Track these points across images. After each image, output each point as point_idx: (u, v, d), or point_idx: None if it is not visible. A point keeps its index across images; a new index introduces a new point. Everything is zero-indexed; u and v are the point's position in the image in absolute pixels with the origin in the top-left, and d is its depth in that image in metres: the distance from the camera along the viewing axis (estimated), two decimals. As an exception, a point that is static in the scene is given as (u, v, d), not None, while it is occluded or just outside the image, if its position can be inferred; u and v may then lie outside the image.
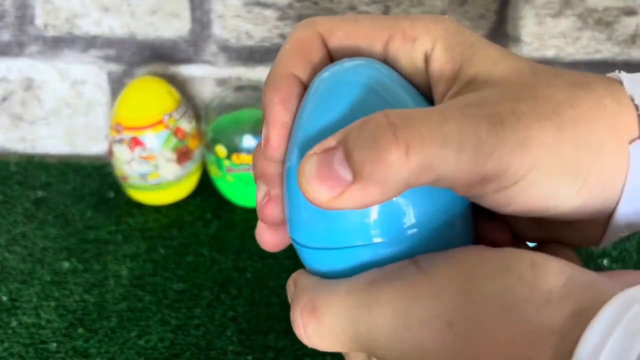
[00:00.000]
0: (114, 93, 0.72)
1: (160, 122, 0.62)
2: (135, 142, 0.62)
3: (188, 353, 0.52)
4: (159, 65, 0.71)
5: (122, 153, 0.63)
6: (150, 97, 0.63)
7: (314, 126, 0.24)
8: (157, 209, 0.66)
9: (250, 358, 0.51)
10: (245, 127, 0.63)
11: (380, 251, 0.23)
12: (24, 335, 0.53)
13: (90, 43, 0.70)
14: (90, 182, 0.70)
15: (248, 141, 0.62)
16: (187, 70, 0.71)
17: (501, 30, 0.67)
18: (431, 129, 0.20)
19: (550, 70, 0.24)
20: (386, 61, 0.26)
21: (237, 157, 0.63)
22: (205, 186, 0.68)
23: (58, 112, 0.73)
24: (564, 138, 0.22)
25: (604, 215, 0.24)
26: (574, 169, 0.22)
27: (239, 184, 0.64)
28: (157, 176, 0.64)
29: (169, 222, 0.65)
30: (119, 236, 0.63)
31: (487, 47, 0.24)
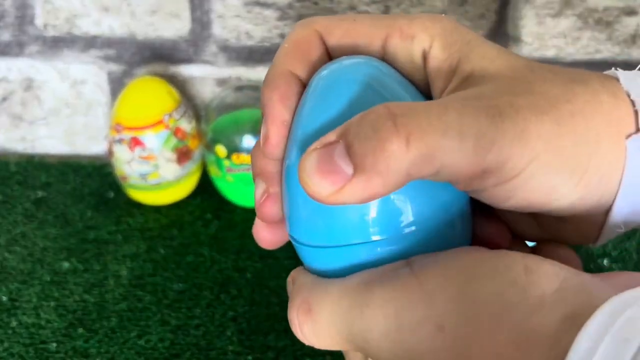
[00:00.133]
0: (114, 93, 0.72)
1: (160, 122, 0.62)
2: (135, 142, 0.62)
3: (188, 353, 0.52)
4: (159, 65, 0.71)
5: (122, 153, 0.63)
6: (150, 97, 0.63)
7: (314, 124, 0.24)
8: (157, 209, 0.66)
9: (250, 358, 0.51)
10: (245, 127, 0.63)
11: (378, 250, 0.23)
12: (24, 335, 0.53)
13: (90, 43, 0.70)
14: (90, 182, 0.70)
15: (248, 141, 0.62)
16: (187, 70, 0.71)
17: (501, 30, 0.67)
18: (432, 119, 0.20)
19: (546, 66, 0.24)
20: (384, 59, 0.26)
21: (237, 157, 0.63)
22: (205, 186, 0.68)
23: (58, 112, 0.73)
24: (562, 132, 0.22)
25: (601, 211, 0.24)
26: (572, 163, 0.22)
27: (239, 184, 0.64)
28: (157, 176, 0.64)
29: (169, 222, 0.65)
30: (119, 236, 0.63)
31: (484, 45, 0.24)
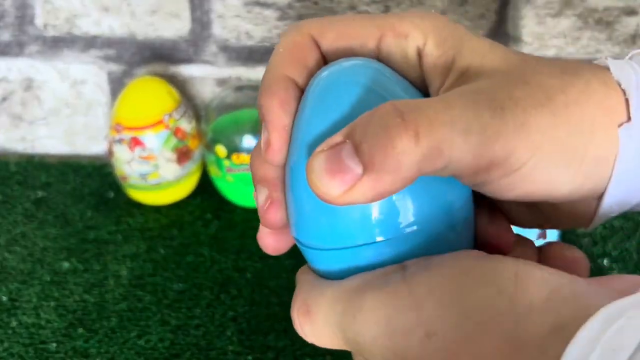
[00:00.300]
0: (114, 93, 0.72)
1: (160, 122, 0.62)
2: (135, 142, 0.62)
3: (188, 353, 0.52)
4: (159, 65, 0.71)
5: (122, 153, 0.63)
6: (150, 97, 0.63)
7: (315, 127, 0.24)
8: (157, 209, 0.66)
9: (250, 358, 0.51)
10: (245, 127, 0.63)
11: (381, 251, 0.23)
12: (24, 335, 0.53)
13: (90, 43, 0.70)
14: (90, 182, 0.70)
15: (248, 141, 0.62)
16: (187, 70, 0.71)
17: (501, 30, 0.67)
18: (438, 114, 0.21)
19: (538, 58, 0.24)
20: (379, 59, 0.26)
21: (237, 157, 0.63)
22: (205, 186, 0.68)
23: (58, 112, 0.73)
24: (558, 123, 0.22)
25: (596, 195, 0.24)
26: (570, 153, 0.23)
27: (239, 184, 0.64)
28: (157, 176, 0.64)
29: (169, 222, 0.65)
30: (119, 236, 0.63)
31: (476, 40, 0.24)
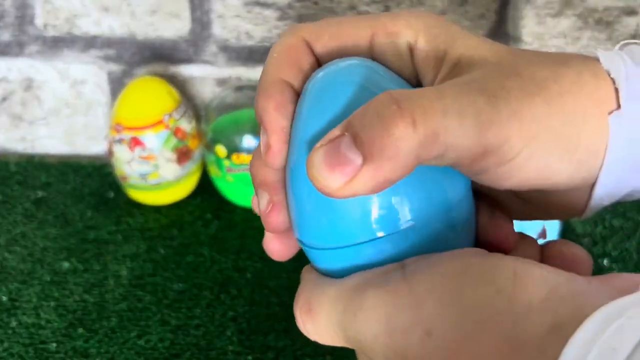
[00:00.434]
0: (114, 93, 0.72)
1: (160, 122, 0.62)
2: (135, 142, 0.62)
3: (188, 353, 0.52)
4: (159, 65, 0.71)
5: (122, 153, 0.63)
6: (150, 97, 0.63)
7: (313, 127, 0.24)
8: (157, 209, 0.66)
9: (250, 358, 0.51)
10: (245, 127, 0.63)
11: (381, 249, 0.23)
12: (24, 335, 0.53)
13: (90, 43, 0.70)
14: (90, 182, 0.70)
15: (248, 141, 0.62)
16: (187, 70, 0.71)
17: (501, 30, 0.67)
18: (432, 102, 0.21)
19: (528, 51, 0.25)
20: (373, 58, 0.26)
21: (237, 157, 0.63)
22: (205, 186, 0.68)
23: (58, 112, 0.73)
24: (552, 112, 0.23)
25: (588, 184, 0.25)
26: (564, 142, 0.23)
27: (239, 184, 0.64)
28: (157, 176, 0.64)
29: (169, 222, 0.65)
30: (119, 236, 0.63)
31: (466, 35, 0.25)
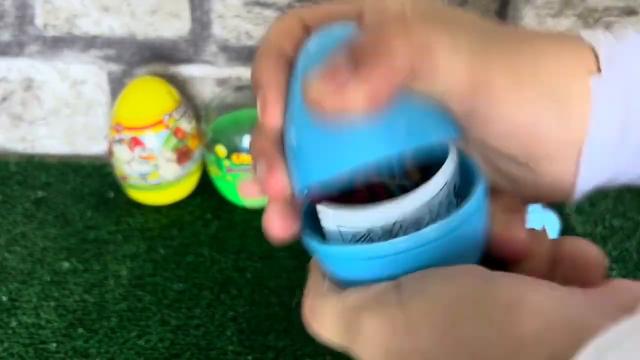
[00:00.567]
0: (114, 93, 0.72)
1: (160, 122, 0.62)
2: (135, 142, 0.62)
3: (188, 353, 0.52)
4: (159, 65, 0.71)
5: (122, 153, 0.63)
6: (150, 97, 0.63)
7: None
8: (157, 209, 0.66)
9: (250, 358, 0.51)
10: (245, 127, 0.63)
11: (383, 257, 0.23)
12: (24, 335, 0.53)
13: (90, 43, 0.70)
14: (90, 182, 0.70)
15: (248, 141, 0.62)
16: (187, 70, 0.71)
17: (501, 30, 0.67)
18: (429, 22, 0.22)
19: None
20: None
21: (237, 157, 0.63)
22: (205, 186, 0.68)
23: (58, 112, 0.73)
24: (540, 61, 0.24)
25: (575, 155, 0.26)
26: (552, 91, 0.24)
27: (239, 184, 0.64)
28: (157, 176, 0.64)
29: (169, 222, 0.65)
30: (119, 236, 0.63)
31: (453, 9, 0.26)
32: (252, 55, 0.70)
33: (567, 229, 0.62)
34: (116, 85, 0.72)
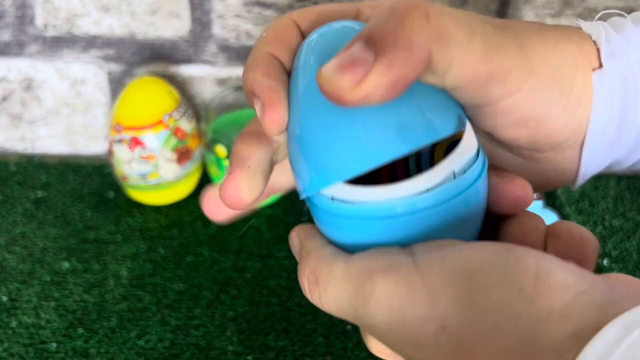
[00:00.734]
0: (114, 93, 0.72)
1: (160, 122, 0.62)
2: (135, 142, 0.62)
3: (188, 353, 0.52)
4: (159, 65, 0.71)
5: (122, 153, 0.63)
6: (150, 97, 0.63)
7: (313, 81, 0.24)
8: (157, 209, 0.66)
9: (250, 358, 0.51)
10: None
11: (389, 225, 0.23)
12: (24, 335, 0.53)
13: (90, 43, 0.70)
14: (90, 182, 0.70)
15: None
16: (187, 70, 0.71)
17: (501, 30, 0.67)
18: (445, 12, 0.22)
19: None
20: None
21: (237, 157, 0.62)
22: (205, 186, 0.68)
23: (58, 112, 0.73)
24: (549, 50, 0.25)
25: (577, 141, 0.26)
26: (560, 80, 0.25)
27: (239, 184, 0.64)
28: (157, 176, 0.64)
29: (169, 222, 0.65)
30: (119, 236, 0.63)
31: (452, 9, 0.26)
32: (252, 55, 0.69)
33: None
34: (116, 85, 0.72)
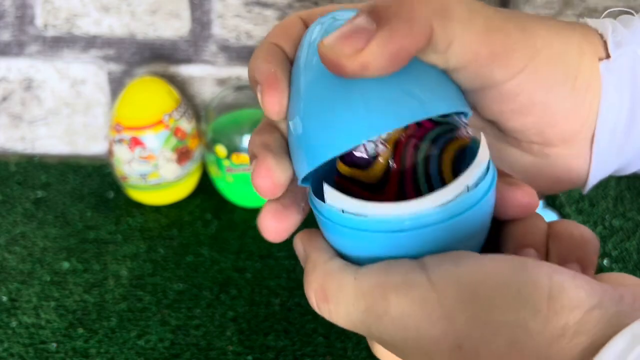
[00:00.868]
0: (114, 93, 0.72)
1: (160, 122, 0.62)
2: (135, 142, 0.62)
3: (188, 353, 0.52)
4: (159, 65, 0.71)
5: (122, 153, 0.63)
6: (150, 97, 0.63)
7: (314, 64, 0.24)
8: (157, 209, 0.66)
9: (250, 358, 0.51)
10: (245, 127, 0.63)
11: (398, 236, 0.23)
12: (24, 335, 0.53)
13: (90, 43, 0.70)
14: (90, 182, 0.70)
15: (248, 141, 0.62)
16: (187, 70, 0.71)
17: (501, 30, 0.67)
18: None
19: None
20: None
21: (237, 157, 0.62)
22: (205, 186, 0.68)
23: (58, 112, 0.73)
24: (552, 36, 0.25)
25: (586, 136, 0.26)
26: (564, 65, 0.25)
27: (239, 184, 0.64)
28: (157, 176, 0.64)
29: (169, 222, 0.65)
30: (119, 236, 0.63)
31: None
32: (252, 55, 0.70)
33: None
34: (116, 85, 0.72)
